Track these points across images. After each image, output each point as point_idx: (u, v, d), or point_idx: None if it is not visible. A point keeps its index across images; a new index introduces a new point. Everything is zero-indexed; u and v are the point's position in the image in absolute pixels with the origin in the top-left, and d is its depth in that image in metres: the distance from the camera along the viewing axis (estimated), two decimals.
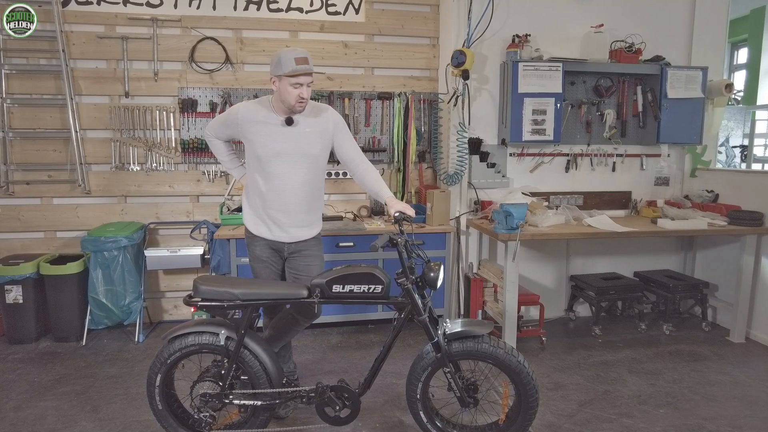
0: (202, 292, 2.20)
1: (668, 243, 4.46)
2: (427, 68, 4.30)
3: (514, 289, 3.43)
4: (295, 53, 2.28)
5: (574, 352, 3.67)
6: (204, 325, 2.27)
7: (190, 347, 2.27)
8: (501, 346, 2.22)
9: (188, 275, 4.14)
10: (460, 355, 2.23)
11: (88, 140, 3.93)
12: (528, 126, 3.84)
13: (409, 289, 2.16)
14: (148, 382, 2.30)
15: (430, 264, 2.19)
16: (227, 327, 2.25)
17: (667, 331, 3.97)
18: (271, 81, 2.37)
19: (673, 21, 4.24)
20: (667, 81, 3.98)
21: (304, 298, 2.17)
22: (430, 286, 2.18)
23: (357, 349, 3.63)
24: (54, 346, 3.67)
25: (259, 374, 2.25)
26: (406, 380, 2.31)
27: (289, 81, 2.28)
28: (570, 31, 4.07)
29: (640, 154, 4.33)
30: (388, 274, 2.21)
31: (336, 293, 2.17)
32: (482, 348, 2.21)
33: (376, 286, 2.17)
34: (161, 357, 2.28)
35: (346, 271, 2.18)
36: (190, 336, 2.26)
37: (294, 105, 2.35)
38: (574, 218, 3.88)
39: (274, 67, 2.32)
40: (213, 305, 2.19)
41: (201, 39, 3.94)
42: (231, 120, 2.51)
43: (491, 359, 2.22)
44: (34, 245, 3.99)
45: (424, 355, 2.26)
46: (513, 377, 2.23)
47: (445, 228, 3.83)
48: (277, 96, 2.39)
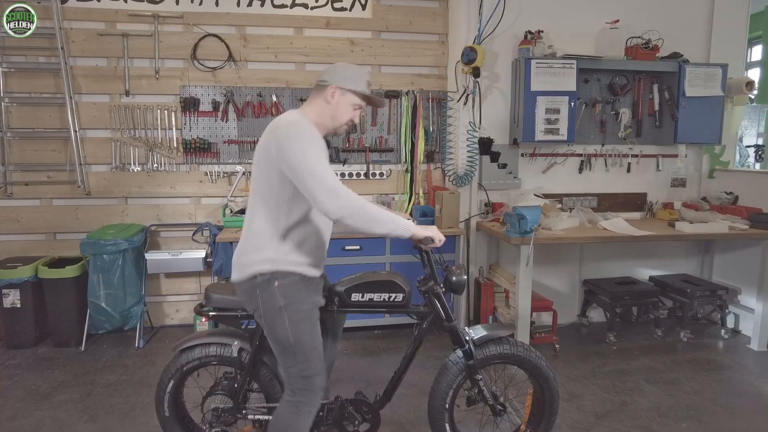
0: (215, 301, 2.09)
1: (685, 246, 4.32)
2: (435, 66, 4.17)
3: (527, 295, 3.31)
4: (366, 72, 2.01)
5: (588, 359, 3.54)
6: (216, 335, 2.16)
7: (205, 358, 2.15)
8: (531, 350, 2.14)
9: (190, 279, 4.04)
10: (493, 359, 2.13)
11: (87, 140, 3.83)
12: (541, 125, 3.71)
13: (439, 294, 2.04)
14: (159, 386, 2.19)
15: (452, 268, 2.07)
16: (240, 338, 2.14)
17: (685, 338, 3.83)
18: (329, 91, 1.92)
19: (691, 16, 4.09)
20: (686, 78, 3.84)
21: (321, 307, 2.06)
22: (455, 292, 2.06)
23: (363, 357, 3.52)
24: (52, 352, 3.58)
25: (275, 388, 2.14)
26: (431, 391, 2.18)
27: (353, 100, 1.95)
28: (583, 26, 3.94)
29: (656, 154, 4.19)
30: (408, 281, 2.10)
31: (355, 302, 2.06)
32: (516, 352, 2.12)
33: (397, 294, 2.05)
34: (177, 363, 2.17)
35: (365, 278, 2.06)
36: (205, 347, 2.15)
37: (343, 126, 2.00)
38: (588, 221, 3.74)
39: (341, 78, 1.92)
40: (226, 315, 2.08)
41: (203, 36, 3.84)
42: (322, 140, 1.89)
43: (523, 363, 2.13)
44: (34, 247, 3.90)
45: (452, 363, 2.14)
46: (541, 381, 2.14)
47: (454, 231, 3.71)
48: (327, 110, 1.94)
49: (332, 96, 1.92)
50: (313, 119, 1.93)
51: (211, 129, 3.92)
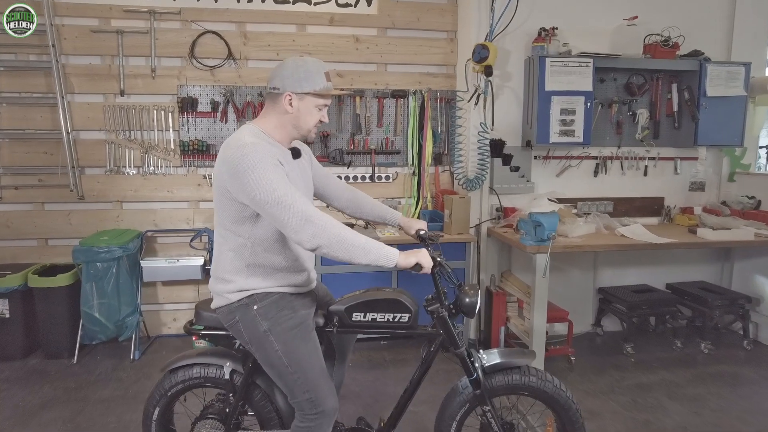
0: (206, 320, 1.92)
1: (702, 253, 4.14)
2: (444, 64, 4.00)
3: (542, 306, 3.14)
4: (320, 65, 1.76)
5: (605, 372, 3.37)
6: (207, 356, 1.99)
7: (193, 380, 1.99)
8: (547, 378, 1.95)
9: (188, 286, 3.88)
10: (501, 391, 1.95)
11: (81, 142, 3.66)
12: (556, 127, 3.54)
13: (444, 318, 1.87)
14: (145, 415, 2.03)
15: (465, 287, 1.89)
16: (233, 359, 1.97)
17: (705, 349, 3.66)
18: (285, 99, 1.72)
19: (712, 12, 3.91)
20: (707, 78, 3.66)
21: (320, 328, 1.89)
22: (466, 314, 1.88)
23: (369, 370, 3.35)
24: (43, 364, 3.41)
25: (269, 414, 1.97)
26: (437, 420, 2.01)
27: (316, 102, 1.76)
28: (598, 23, 3.77)
29: (674, 157, 4.02)
30: (416, 301, 1.92)
31: (356, 322, 1.88)
32: (528, 381, 1.93)
33: (403, 315, 1.88)
34: (161, 388, 2.01)
35: (368, 296, 1.89)
36: (195, 368, 1.98)
37: (311, 131, 1.81)
38: (605, 227, 3.57)
39: (293, 81, 1.71)
40: (217, 334, 1.91)
41: (202, 33, 3.67)
42: (277, 156, 1.67)
43: (538, 394, 1.95)
44: (25, 254, 3.73)
45: (459, 391, 1.97)
46: (560, 414, 1.96)
47: (464, 237, 3.54)
48: (288, 120, 1.75)
49: (289, 104, 1.73)
50: (271, 132, 1.76)
51: (210, 130, 3.75)
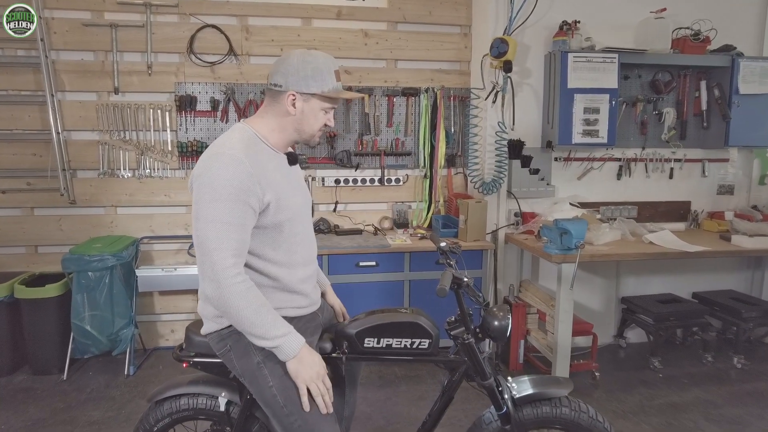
0: (197, 345, 1.69)
1: (730, 260, 3.91)
2: (457, 60, 3.78)
3: (568, 320, 2.91)
4: (331, 62, 1.54)
5: (633, 390, 3.14)
6: (199, 384, 1.77)
7: (182, 412, 1.77)
8: (581, 408, 1.73)
9: (187, 296, 3.66)
10: (530, 425, 1.72)
11: (72, 143, 3.44)
12: (579, 126, 3.32)
13: (471, 345, 1.64)
14: None
15: (493, 309, 1.67)
16: (228, 388, 1.75)
17: (739, 364, 3.42)
18: (288, 98, 1.51)
19: (744, 4, 3.68)
20: (740, 74, 3.44)
21: (327, 354, 1.66)
22: (495, 339, 1.66)
23: (381, 387, 3.12)
24: (31, 381, 3.19)
25: None
26: None
27: (323, 104, 1.55)
28: (623, 16, 3.54)
29: (702, 158, 3.79)
30: (436, 323, 1.70)
31: (369, 348, 1.66)
32: (561, 413, 1.71)
33: (423, 341, 1.65)
34: (146, 423, 1.79)
35: (382, 318, 1.66)
36: (184, 398, 1.76)
37: (316, 135, 1.60)
38: (631, 233, 3.35)
39: (298, 79, 1.49)
40: (210, 362, 1.68)
41: (201, 27, 3.45)
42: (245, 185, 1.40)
43: (571, 427, 1.72)
44: (13, 262, 3.51)
45: (484, 424, 1.75)
46: None
47: (481, 244, 3.31)
48: (289, 122, 1.54)
49: (292, 104, 1.52)
50: (266, 134, 1.55)
51: (210, 130, 3.53)
